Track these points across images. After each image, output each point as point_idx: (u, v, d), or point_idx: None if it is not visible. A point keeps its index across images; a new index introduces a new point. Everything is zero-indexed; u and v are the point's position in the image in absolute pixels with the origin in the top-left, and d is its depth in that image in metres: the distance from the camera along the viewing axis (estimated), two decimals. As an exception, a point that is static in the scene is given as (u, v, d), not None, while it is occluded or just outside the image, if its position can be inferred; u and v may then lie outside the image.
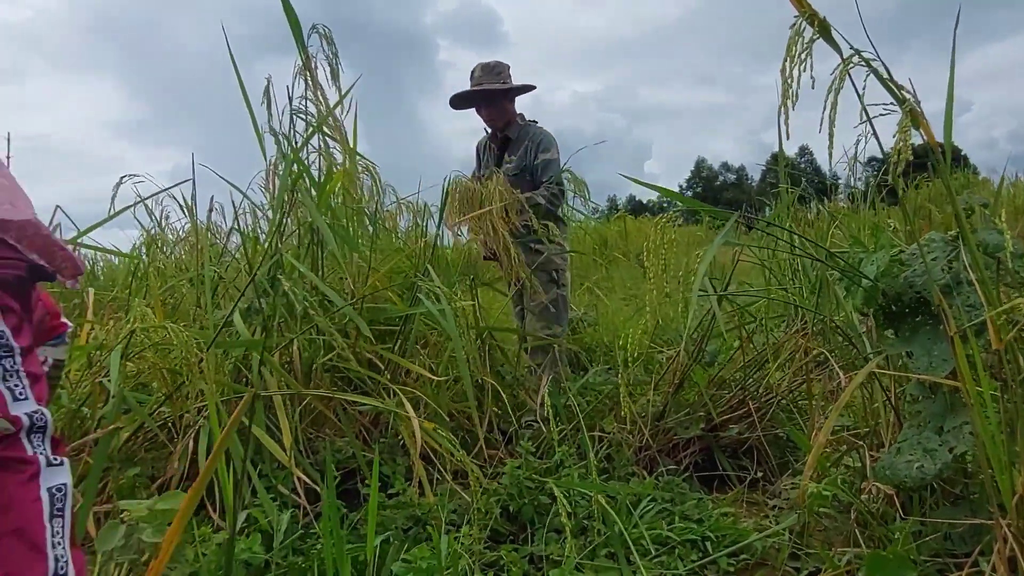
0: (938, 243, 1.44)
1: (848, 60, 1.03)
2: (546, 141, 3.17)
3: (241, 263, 2.59)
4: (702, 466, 2.42)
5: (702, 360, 2.57)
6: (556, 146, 3.20)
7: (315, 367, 2.11)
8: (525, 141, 3.19)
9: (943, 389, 1.37)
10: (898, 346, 1.42)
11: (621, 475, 2.24)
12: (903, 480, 1.29)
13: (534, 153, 3.15)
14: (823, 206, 4.49)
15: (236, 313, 1.89)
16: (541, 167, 3.12)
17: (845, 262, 1.45)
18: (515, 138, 3.23)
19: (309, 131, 2.16)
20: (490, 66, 3.22)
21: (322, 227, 1.93)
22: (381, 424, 2.28)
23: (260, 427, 1.85)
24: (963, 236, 1.18)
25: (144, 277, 2.74)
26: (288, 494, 1.82)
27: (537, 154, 3.14)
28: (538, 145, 3.16)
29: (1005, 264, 1.22)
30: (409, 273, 2.48)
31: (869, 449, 1.68)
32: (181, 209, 3.47)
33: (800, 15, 1.03)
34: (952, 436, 1.29)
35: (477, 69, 3.23)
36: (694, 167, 65.78)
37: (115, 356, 1.63)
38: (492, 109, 3.21)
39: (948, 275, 1.33)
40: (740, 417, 2.49)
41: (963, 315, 1.22)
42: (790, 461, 2.37)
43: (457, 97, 3.25)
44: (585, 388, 2.86)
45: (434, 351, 2.55)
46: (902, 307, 1.44)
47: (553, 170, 3.12)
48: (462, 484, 1.98)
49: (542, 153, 3.13)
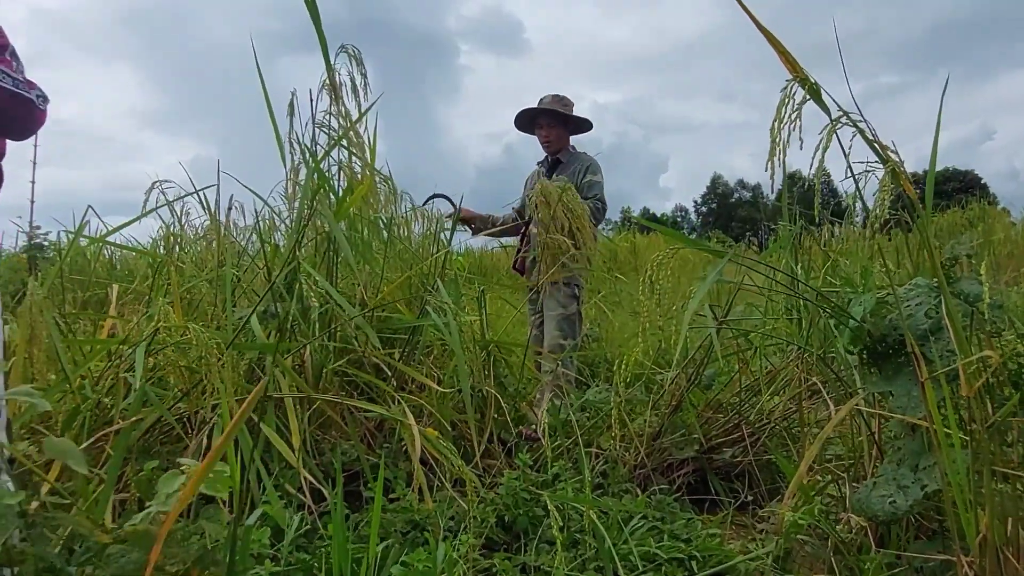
0: (923, 288, 1.51)
1: (836, 121, 1.12)
2: (594, 166, 3.57)
3: (259, 263, 2.69)
4: (695, 487, 2.49)
5: (700, 383, 2.65)
6: (602, 172, 3.57)
7: (325, 372, 2.20)
8: (575, 164, 3.57)
9: (921, 429, 1.44)
10: (880, 385, 1.50)
11: (615, 491, 2.31)
12: (876, 513, 1.36)
13: (582, 174, 3.50)
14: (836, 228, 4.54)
15: (254, 316, 1.98)
16: (587, 186, 3.46)
17: (834, 302, 1.53)
18: (566, 161, 3.62)
19: (331, 144, 2.26)
20: (560, 96, 3.64)
21: (341, 241, 2.02)
22: (385, 430, 2.37)
23: (270, 427, 1.94)
24: (941, 286, 1.25)
25: (165, 275, 2.85)
26: (295, 493, 1.91)
27: (585, 175, 3.49)
28: (587, 168, 3.53)
29: (981, 314, 1.29)
30: (419, 284, 2.57)
31: (851, 480, 1.75)
32: (201, 205, 3.59)
33: (793, 78, 1.11)
34: (925, 475, 1.36)
35: (547, 96, 3.64)
36: (710, 183, 65.80)
37: (140, 352, 1.72)
38: (551, 130, 3.59)
39: (930, 321, 1.40)
40: (734, 441, 2.56)
41: (938, 361, 1.29)
42: (781, 486, 2.43)
43: (523, 113, 3.64)
44: (586, 405, 2.93)
45: (439, 361, 2.64)
46: (886, 348, 1.52)
47: (598, 190, 3.47)
48: (460, 492, 2.06)
49: (590, 175, 3.51)
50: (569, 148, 3.68)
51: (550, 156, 3.70)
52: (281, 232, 2.86)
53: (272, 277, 2.10)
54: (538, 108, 3.61)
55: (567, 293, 3.37)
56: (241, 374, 2.07)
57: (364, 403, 2.02)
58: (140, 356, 1.71)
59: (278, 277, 2.09)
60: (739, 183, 62.74)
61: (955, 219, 12.05)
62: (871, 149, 1.14)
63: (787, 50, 1.10)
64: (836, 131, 1.11)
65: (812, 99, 1.12)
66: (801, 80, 1.10)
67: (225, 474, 1.00)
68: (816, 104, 1.13)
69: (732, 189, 63.70)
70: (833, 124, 1.12)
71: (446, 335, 2.15)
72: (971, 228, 11.38)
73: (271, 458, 1.99)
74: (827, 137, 1.11)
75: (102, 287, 3.48)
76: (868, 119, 1.14)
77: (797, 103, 1.12)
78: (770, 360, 2.78)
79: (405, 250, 2.92)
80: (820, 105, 1.13)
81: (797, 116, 1.11)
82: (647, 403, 2.72)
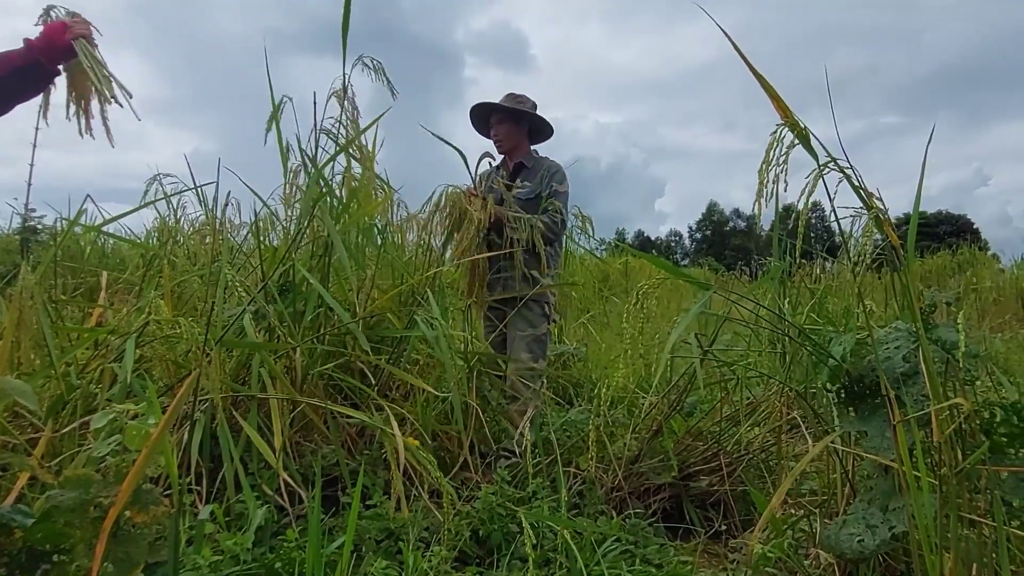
0: (903, 332, 1.55)
1: (824, 167, 1.15)
2: (561, 174, 3.26)
3: (253, 262, 2.70)
4: (670, 513, 2.51)
5: (682, 410, 2.67)
6: (568, 182, 3.29)
7: (311, 375, 2.21)
8: (540, 171, 3.27)
9: (894, 470, 1.47)
10: (856, 424, 1.53)
11: (591, 512, 2.32)
12: (844, 552, 1.38)
13: (548, 182, 3.22)
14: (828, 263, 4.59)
15: (247, 315, 2.00)
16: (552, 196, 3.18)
17: (816, 340, 1.56)
18: (530, 166, 3.32)
19: (335, 151, 2.28)
20: (515, 94, 3.35)
21: (340, 250, 2.04)
22: (366, 436, 2.38)
23: (252, 427, 1.95)
24: (918, 332, 1.29)
25: (157, 267, 2.85)
26: (272, 495, 1.91)
27: (552, 183, 3.22)
28: (553, 175, 3.23)
29: (955, 362, 1.32)
30: (409, 296, 2.58)
31: (824, 516, 1.78)
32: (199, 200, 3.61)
33: (783, 122, 1.15)
34: (894, 516, 1.39)
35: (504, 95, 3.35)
36: (705, 210, 66.35)
37: (130, 344, 1.73)
38: (501, 126, 3.29)
39: (907, 365, 1.44)
40: (712, 470, 2.58)
41: (911, 405, 1.32)
42: (755, 517, 2.45)
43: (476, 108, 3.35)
44: (567, 424, 2.95)
45: (424, 371, 2.66)
46: (863, 388, 1.55)
47: (562, 201, 3.19)
48: (437, 503, 2.07)
49: (556, 183, 3.21)
50: (531, 152, 3.38)
51: (510, 161, 3.36)
52: (277, 233, 2.88)
53: (266, 277, 2.11)
54: (489, 104, 3.31)
55: (537, 312, 3.15)
56: (227, 372, 2.07)
57: (348, 409, 2.03)
58: (130, 348, 1.72)
59: (271, 277, 2.11)
60: (735, 212, 63.33)
61: (944, 262, 12.19)
62: (856, 195, 1.18)
63: (778, 94, 1.14)
64: (823, 176, 1.15)
65: (801, 144, 1.16)
66: (790, 125, 1.14)
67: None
68: (805, 149, 1.16)
69: (727, 217, 64.24)
70: (820, 170, 1.15)
71: (434, 347, 2.17)
72: (959, 272, 11.52)
73: (251, 457, 2.00)
74: (813, 182, 1.15)
75: (93, 274, 3.47)
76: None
77: (786, 147, 1.15)
78: (752, 391, 2.80)
79: (397, 258, 2.94)
80: (808, 150, 1.17)
81: (785, 160, 1.15)
82: (628, 426, 2.74)
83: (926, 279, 11.44)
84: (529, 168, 3.31)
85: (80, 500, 1.04)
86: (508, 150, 3.33)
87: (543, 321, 3.17)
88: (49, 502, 1.04)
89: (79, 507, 1.04)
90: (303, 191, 2.38)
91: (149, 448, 1.08)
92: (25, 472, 1.50)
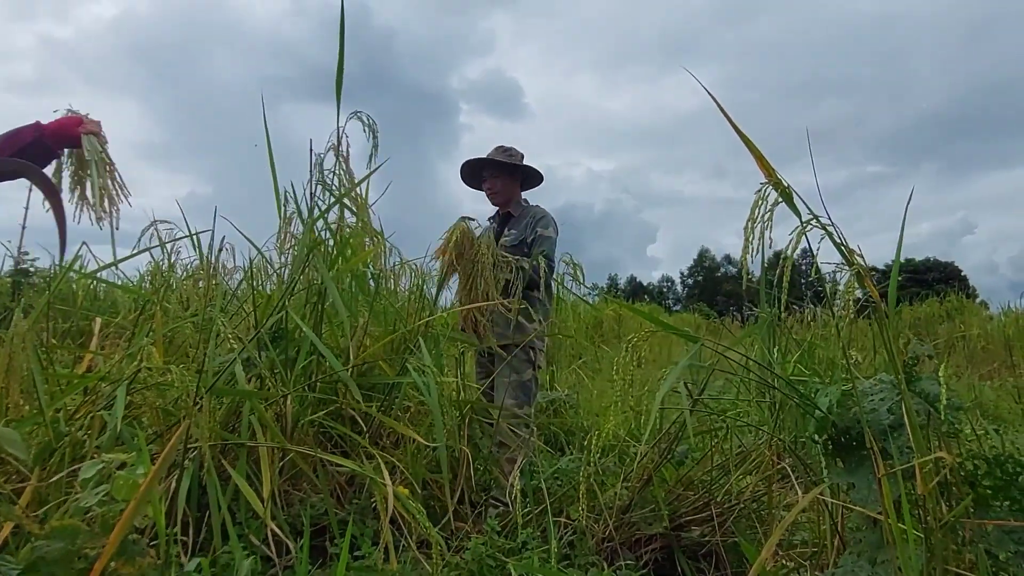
0: (887, 383, 1.57)
1: (807, 224, 1.20)
2: (547, 220, 3.30)
3: (246, 307, 2.71)
4: (661, 564, 2.48)
5: (673, 458, 2.66)
6: (555, 227, 3.33)
7: (301, 423, 2.21)
8: (527, 218, 3.32)
9: (881, 522, 1.48)
10: (843, 476, 1.53)
11: (581, 563, 2.30)
12: (833, 605, 1.38)
13: (533, 227, 3.26)
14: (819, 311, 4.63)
15: (238, 362, 2.01)
16: (537, 240, 3.22)
17: (802, 392, 1.58)
18: (517, 215, 3.37)
19: (331, 201, 2.33)
20: (504, 147, 3.43)
21: (336, 299, 2.06)
22: (355, 485, 2.36)
23: (241, 475, 1.94)
24: (900, 385, 1.31)
25: (149, 313, 2.86)
26: (259, 545, 1.89)
27: (536, 228, 3.25)
28: (538, 221, 3.28)
29: (937, 415, 1.34)
30: (401, 344, 2.60)
31: (814, 569, 1.77)
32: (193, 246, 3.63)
33: (767, 181, 1.20)
34: (882, 569, 1.39)
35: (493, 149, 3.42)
36: (697, 256, 66.94)
37: (121, 392, 1.74)
38: (495, 181, 3.37)
39: (892, 417, 1.46)
40: (703, 519, 2.56)
41: (896, 457, 1.34)
42: (747, 569, 2.43)
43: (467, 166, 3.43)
44: (558, 473, 2.93)
45: (416, 419, 2.65)
46: (850, 439, 1.56)
47: (547, 246, 3.22)
48: (426, 554, 2.05)
49: (541, 228, 3.25)
50: (521, 201, 3.45)
51: (500, 210, 3.46)
52: (273, 280, 2.90)
53: (259, 325, 2.13)
54: (481, 159, 3.40)
55: (521, 358, 3.13)
56: (217, 420, 2.07)
57: (337, 458, 2.02)
58: (121, 396, 1.72)
59: (264, 325, 2.12)
60: (725, 258, 63.86)
61: (933, 310, 12.27)
62: (838, 252, 1.22)
63: (761, 152, 1.19)
64: (806, 233, 1.19)
65: (784, 202, 1.20)
66: (774, 184, 1.19)
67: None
68: (788, 207, 1.21)
69: (719, 264, 64.79)
70: (803, 227, 1.20)
71: (426, 396, 2.18)
72: (948, 320, 11.60)
73: (239, 507, 1.98)
74: (796, 239, 1.19)
75: (85, 317, 3.46)
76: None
77: (770, 205, 1.20)
78: (742, 440, 2.81)
79: (390, 305, 2.95)
80: (792, 208, 1.21)
81: (770, 217, 1.19)
82: (619, 475, 2.73)
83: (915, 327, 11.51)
84: (516, 217, 3.37)
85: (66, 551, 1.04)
86: (502, 202, 3.42)
87: (527, 367, 3.16)
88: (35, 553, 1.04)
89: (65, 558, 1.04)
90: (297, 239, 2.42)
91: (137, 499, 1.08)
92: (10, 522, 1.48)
